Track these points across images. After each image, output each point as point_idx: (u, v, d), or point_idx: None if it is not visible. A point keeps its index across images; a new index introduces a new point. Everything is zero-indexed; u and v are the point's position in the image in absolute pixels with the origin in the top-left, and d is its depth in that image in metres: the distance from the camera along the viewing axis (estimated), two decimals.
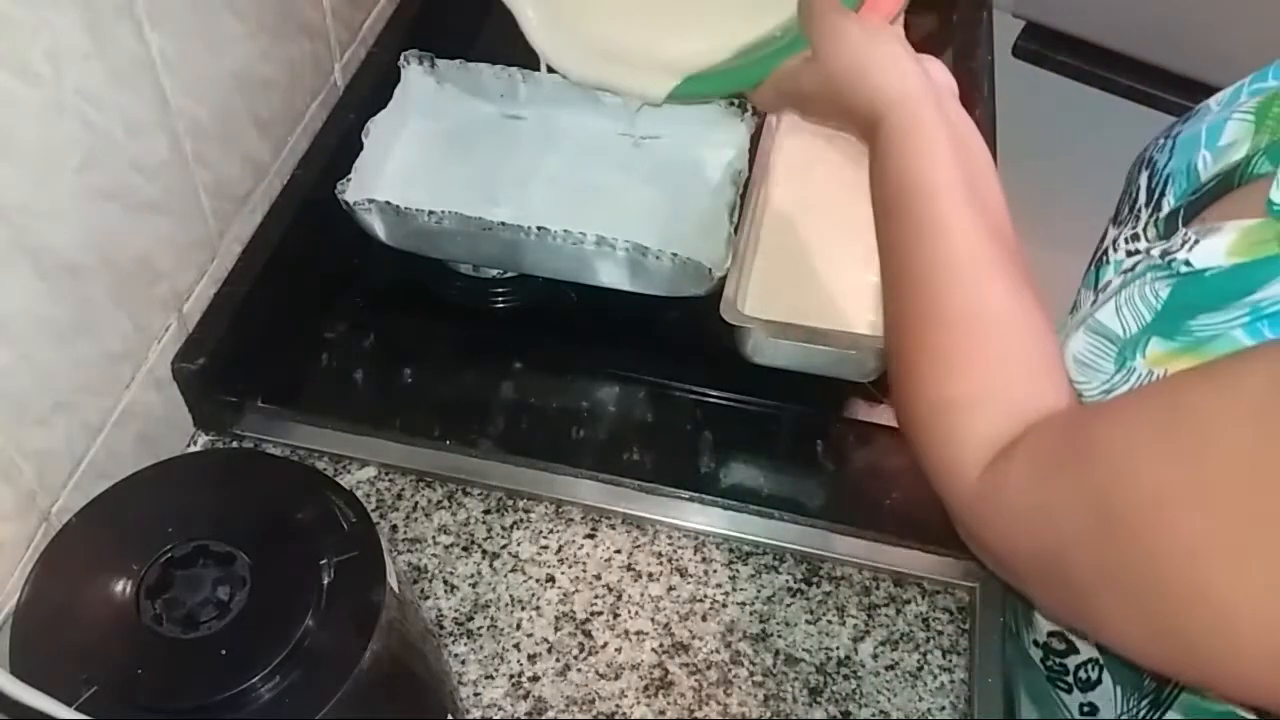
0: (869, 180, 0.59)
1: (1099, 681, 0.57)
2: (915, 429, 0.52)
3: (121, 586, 0.49)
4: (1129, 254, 0.57)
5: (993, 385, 0.50)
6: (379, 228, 0.78)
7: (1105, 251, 0.61)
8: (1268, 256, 0.46)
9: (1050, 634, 0.60)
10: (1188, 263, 0.49)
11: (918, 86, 0.57)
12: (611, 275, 0.77)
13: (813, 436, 0.78)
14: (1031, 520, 0.45)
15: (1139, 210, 0.60)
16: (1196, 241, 0.50)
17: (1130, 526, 0.40)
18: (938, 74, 0.61)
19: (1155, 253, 0.53)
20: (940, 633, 0.69)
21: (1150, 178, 0.60)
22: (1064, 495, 0.43)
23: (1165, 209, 0.57)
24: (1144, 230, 0.57)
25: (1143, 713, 0.55)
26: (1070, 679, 0.60)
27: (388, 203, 0.76)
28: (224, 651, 0.47)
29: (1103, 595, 0.43)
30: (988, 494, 0.47)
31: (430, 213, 0.76)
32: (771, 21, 0.69)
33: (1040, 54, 1.25)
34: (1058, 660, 0.60)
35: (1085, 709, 0.59)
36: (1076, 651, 0.59)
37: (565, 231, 0.74)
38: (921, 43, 1.12)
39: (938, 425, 0.51)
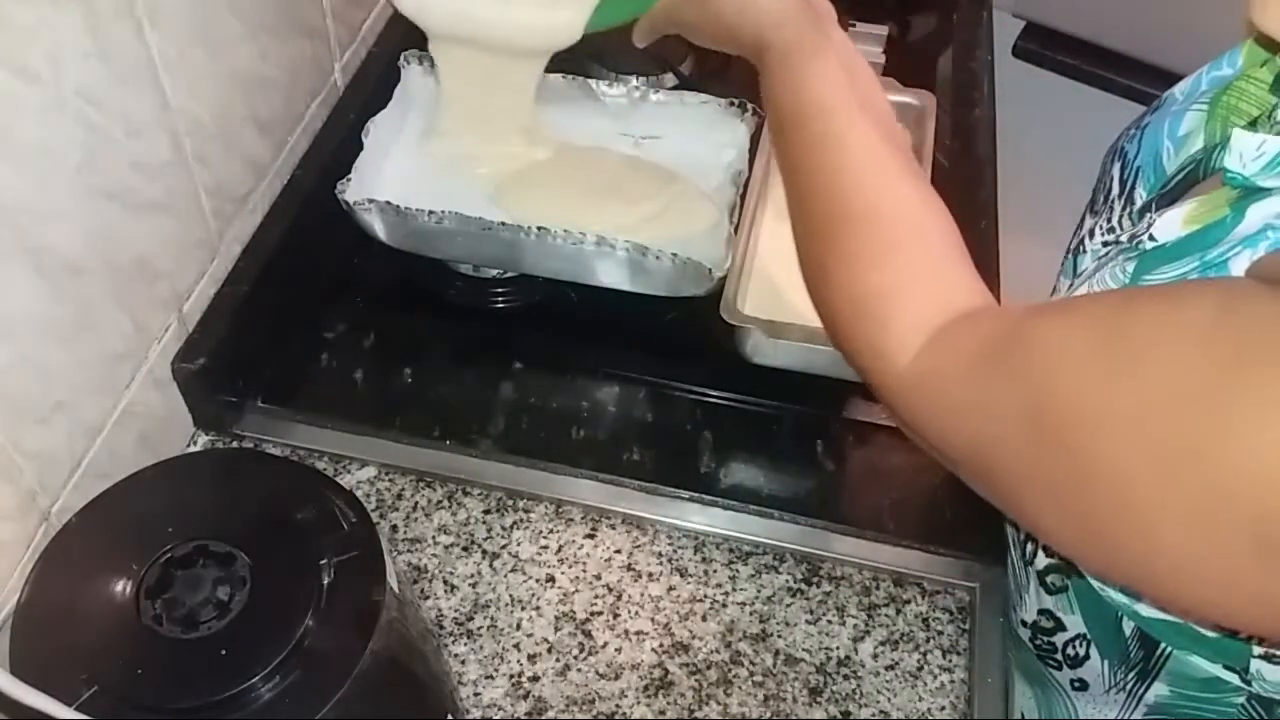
0: (764, 103, 0.61)
1: (1087, 656, 0.58)
2: (838, 323, 0.54)
3: (121, 586, 0.49)
4: (1104, 244, 0.58)
5: (915, 273, 0.51)
6: (379, 228, 0.78)
7: (1082, 240, 0.62)
8: (1218, 219, 0.46)
9: (1039, 612, 0.61)
10: (1151, 236, 0.50)
11: (799, 10, 0.60)
12: (611, 275, 0.77)
13: (813, 436, 0.78)
14: (966, 413, 0.46)
15: (1113, 201, 0.61)
16: (1155, 220, 0.51)
17: (1062, 436, 0.41)
18: (819, 2, 0.63)
19: (1124, 239, 0.54)
20: (940, 633, 0.69)
21: (1122, 169, 0.61)
22: (999, 394, 0.44)
23: (1138, 201, 0.58)
24: (1118, 222, 0.58)
25: (1130, 684, 0.56)
26: (1059, 656, 0.61)
27: (388, 203, 0.76)
28: (224, 651, 0.47)
29: (1032, 494, 0.43)
30: (921, 383, 0.48)
31: (430, 213, 0.76)
32: None
33: (1040, 54, 1.25)
34: (1046, 639, 0.61)
35: (1075, 684, 0.60)
36: (1065, 629, 0.59)
37: (565, 231, 0.74)
38: (921, 42, 1.13)
39: (863, 315, 0.52)
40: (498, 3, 0.76)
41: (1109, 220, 0.60)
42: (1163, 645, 0.53)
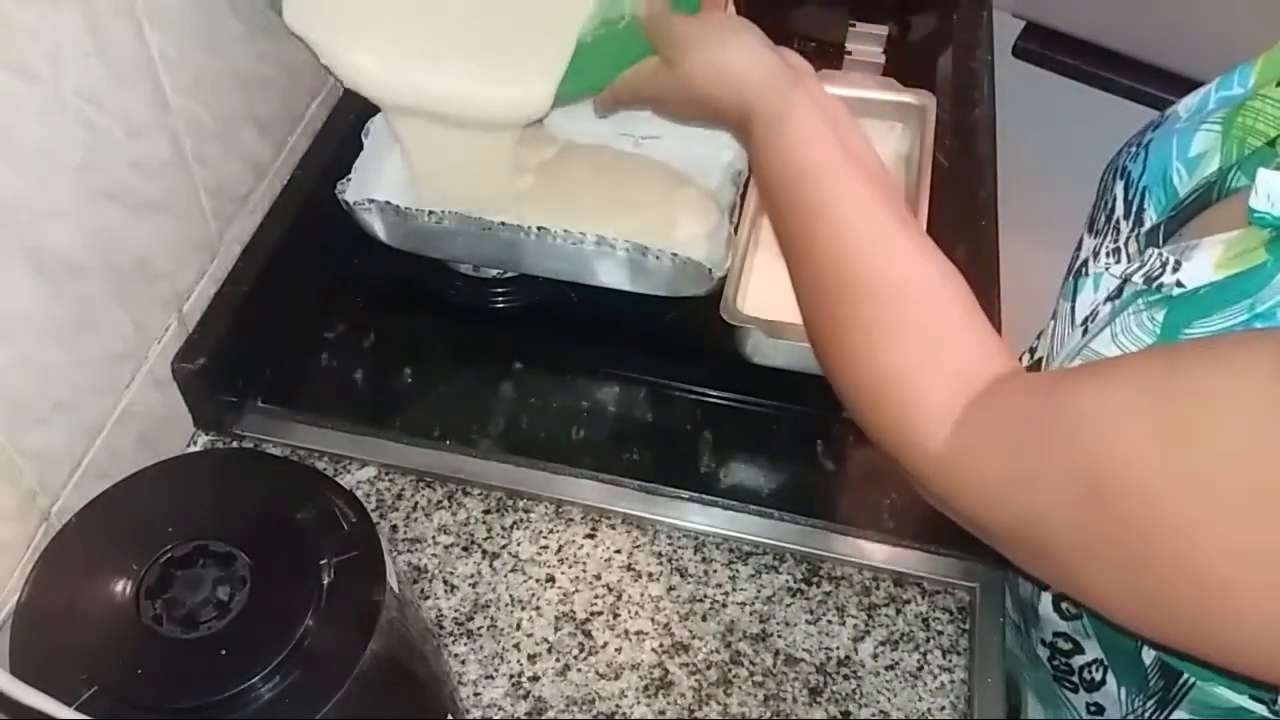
0: (754, 174, 0.60)
1: (1104, 682, 0.57)
2: (861, 404, 0.52)
3: (121, 586, 0.49)
4: (1110, 271, 0.57)
5: (931, 347, 0.50)
6: (379, 228, 0.78)
7: (1085, 263, 0.60)
8: (1257, 265, 0.45)
9: (1056, 634, 0.60)
10: (1179, 283, 0.49)
11: (780, 73, 0.58)
12: (611, 275, 0.77)
13: (813, 436, 0.78)
14: (1008, 488, 0.45)
15: (1117, 222, 0.60)
16: (1178, 264, 0.49)
17: (1120, 503, 0.40)
18: (795, 60, 0.62)
19: (1138, 279, 0.52)
20: (940, 633, 0.69)
21: (1126, 189, 0.60)
22: (1043, 466, 0.43)
23: (1147, 223, 0.57)
24: (1125, 245, 0.57)
25: (1149, 712, 0.55)
26: (1076, 679, 0.60)
27: (388, 203, 0.76)
28: (224, 651, 0.47)
29: (1088, 565, 0.42)
30: (956, 460, 0.47)
31: (430, 213, 0.76)
32: None
33: (1040, 54, 1.25)
34: (1064, 660, 0.60)
35: (1092, 709, 0.59)
36: (1082, 652, 0.59)
37: (565, 231, 0.74)
38: (922, 42, 1.13)
39: (885, 399, 0.50)
40: (456, 78, 0.72)
41: (1115, 242, 0.58)
42: (1185, 675, 0.52)
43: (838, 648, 0.68)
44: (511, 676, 0.67)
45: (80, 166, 0.61)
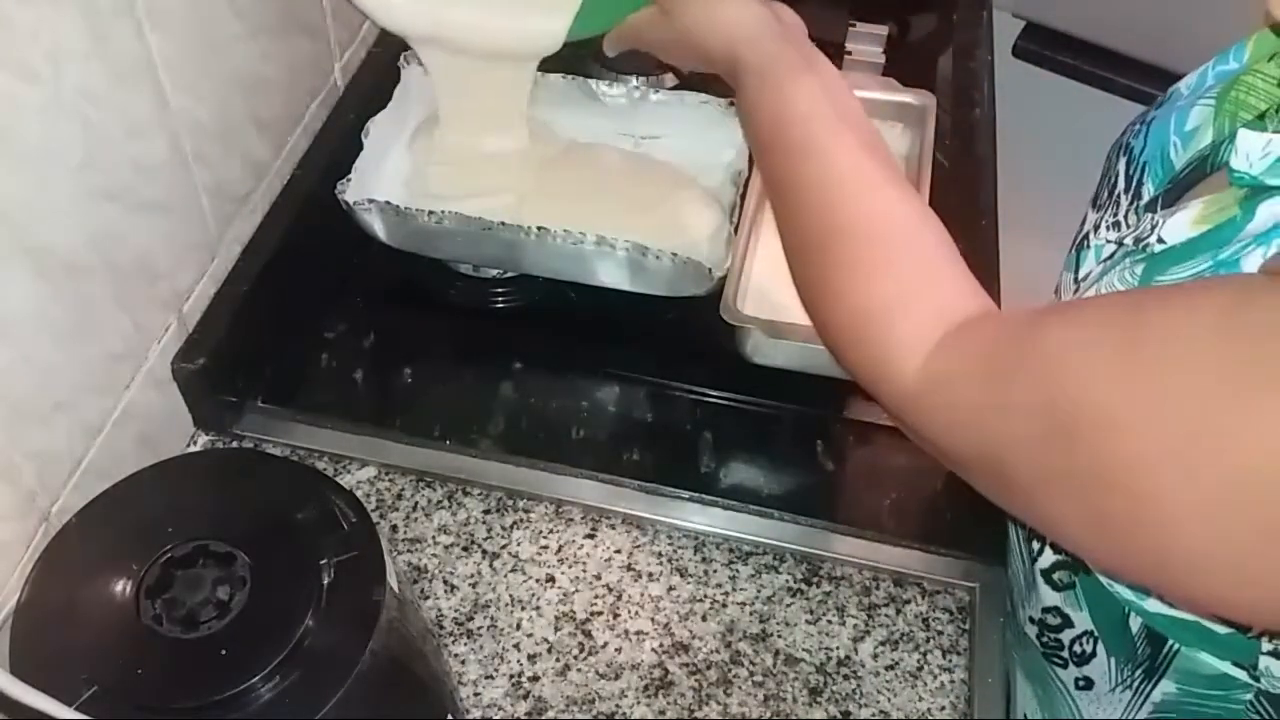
0: (742, 123, 0.61)
1: (1094, 654, 0.58)
2: (839, 337, 0.54)
3: (121, 586, 0.49)
4: (1110, 242, 0.58)
5: (913, 282, 0.51)
6: (379, 228, 0.78)
7: (1086, 235, 0.62)
8: (1228, 219, 0.47)
9: (1045, 609, 0.61)
10: (1160, 239, 0.50)
11: (768, 24, 0.60)
12: (611, 275, 0.77)
13: (813, 436, 0.78)
14: (978, 419, 0.46)
15: (1118, 196, 0.61)
16: (1162, 223, 0.51)
17: (1078, 434, 0.41)
18: (786, 14, 0.63)
19: (1129, 241, 0.54)
20: (940, 633, 0.69)
21: (1128, 164, 0.61)
22: (1013, 399, 0.44)
23: (1145, 196, 0.58)
24: (1124, 218, 0.58)
25: (1136, 682, 0.56)
26: (1066, 653, 0.60)
27: (388, 203, 0.76)
28: (224, 651, 0.47)
29: (1050, 495, 0.43)
30: (930, 389, 0.48)
31: (430, 213, 0.76)
32: None
33: (1040, 54, 1.25)
34: (1053, 635, 0.61)
35: (1081, 682, 0.60)
36: (1072, 625, 0.59)
37: (565, 231, 0.74)
38: (922, 42, 1.13)
39: (864, 329, 0.52)
40: (475, 10, 0.76)
41: (1115, 215, 0.60)
42: (1170, 642, 0.53)
43: (838, 648, 0.68)
44: (511, 676, 0.67)
45: (80, 166, 0.61)
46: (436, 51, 0.79)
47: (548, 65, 0.79)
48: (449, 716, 0.60)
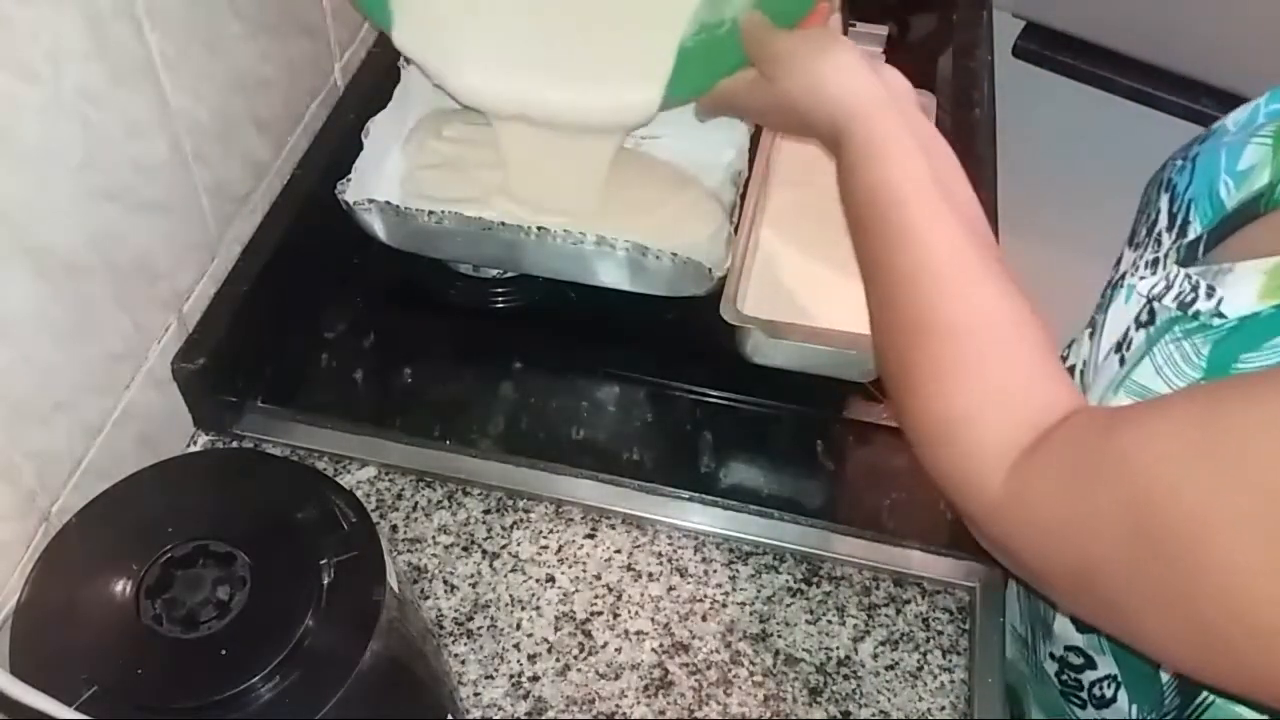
0: (840, 195, 0.58)
1: (1114, 699, 0.57)
2: (924, 444, 0.51)
3: (121, 586, 0.49)
4: (1138, 289, 0.56)
5: (1001, 393, 0.49)
6: (379, 228, 0.78)
7: (1123, 276, 0.59)
8: None
9: (1068, 648, 0.60)
10: (1220, 313, 0.48)
11: (875, 95, 0.57)
12: (611, 275, 0.77)
13: (813, 436, 0.78)
14: (1062, 534, 0.44)
15: (1159, 234, 0.59)
16: (1211, 289, 0.49)
17: (1168, 546, 0.39)
18: (894, 80, 0.60)
19: (1169, 302, 0.51)
20: (940, 633, 0.69)
21: (1171, 201, 0.59)
22: (1096, 510, 0.42)
23: (1190, 234, 0.56)
24: (1165, 256, 0.56)
25: None
26: (1085, 695, 0.59)
27: (388, 203, 0.76)
28: (224, 651, 0.47)
29: (1140, 608, 0.42)
30: (1012, 506, 0.46)
31: (430, 213, 0.76)
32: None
33: (1040, 54, 1.25)
34: (1073, 675, 0.60)
35: None
36: (1094, 667, 0.58)
37: (565, 231, 0.74)
38: (922, 42, 1.13)
39: (947, 440, 0.50)
40: (565, 87, 0.74)
41: (1155, 253, 0.57)
42: (1204, 695, 0.51)
43: (838, 648, 0.68)
44: (511, 676, 0.67)
45: (80, 166, 0.61)
46: (515, 126, 0.76)
47: None
48: (449, 716, 0.60)
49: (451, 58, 0.75)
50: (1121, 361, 0.56)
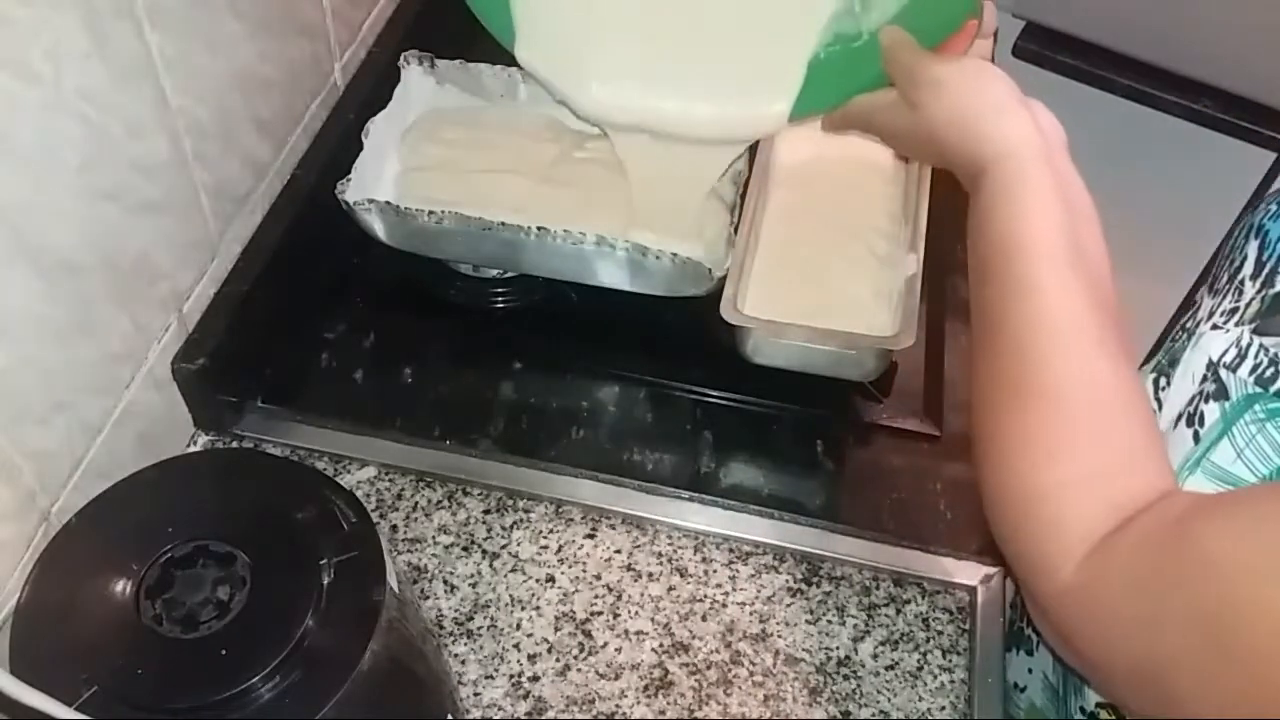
0: (968, 233, 0.55)
1: None
2: (1002, 513, 0.49)
3: (121, 586, 0.49)
4: (1214, 342, 0.53)
5: (1092, 473, 0.47)
6: (379, 228, 0.78)
7: (1198, 322, 0.57)
8: None
9: (1099, 704, 0.58)
10: None
11: (1027, 138, 0.54)
12: (611, 275, 0.77)
13: (813, 436, 0.78)
14: (1133, 629, 0.43)
15: (1242, 282, 0.57)
16: None
17: (1246, 654, 0.38)
18: (1046, 121, 0.57)
19: (1245, 374, 0.49)
20: (940, 633, 0.69)
21: (1261, 249, 0.57)
22: (1171, 610, 0.41)
23: (1277, 286, 0.54)
24: (1245, 305, 0.54)
25: None
26: None
27: (388, 203, 0.76)
28: (224, 651, 0.47)
29: (1212, 712, 0.40)
30: (1083, 594, 0.45)
31: (430, 213, 0.76)
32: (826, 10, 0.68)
33: (1040, 54, 1.24)
34: None
35: None
36: None
37: (565, 231, 0.74)
38: None
39: (1028, 514, 0.48)
40: (689, 99, 0.72)
41: (1235, 302, 0.55)
42: None
43: (838, 648, 0.68)
44: (511, 676, 0.67)
45: (80, 166, 0.61)
46: (635, 138, 0.75)
47: None
48: (449, 716, 0.60)
49: (575, 72, 0.74)
50: (1196, 438, 0.54)
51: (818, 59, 0.69)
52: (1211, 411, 0.53)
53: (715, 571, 0.71)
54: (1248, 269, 0.57)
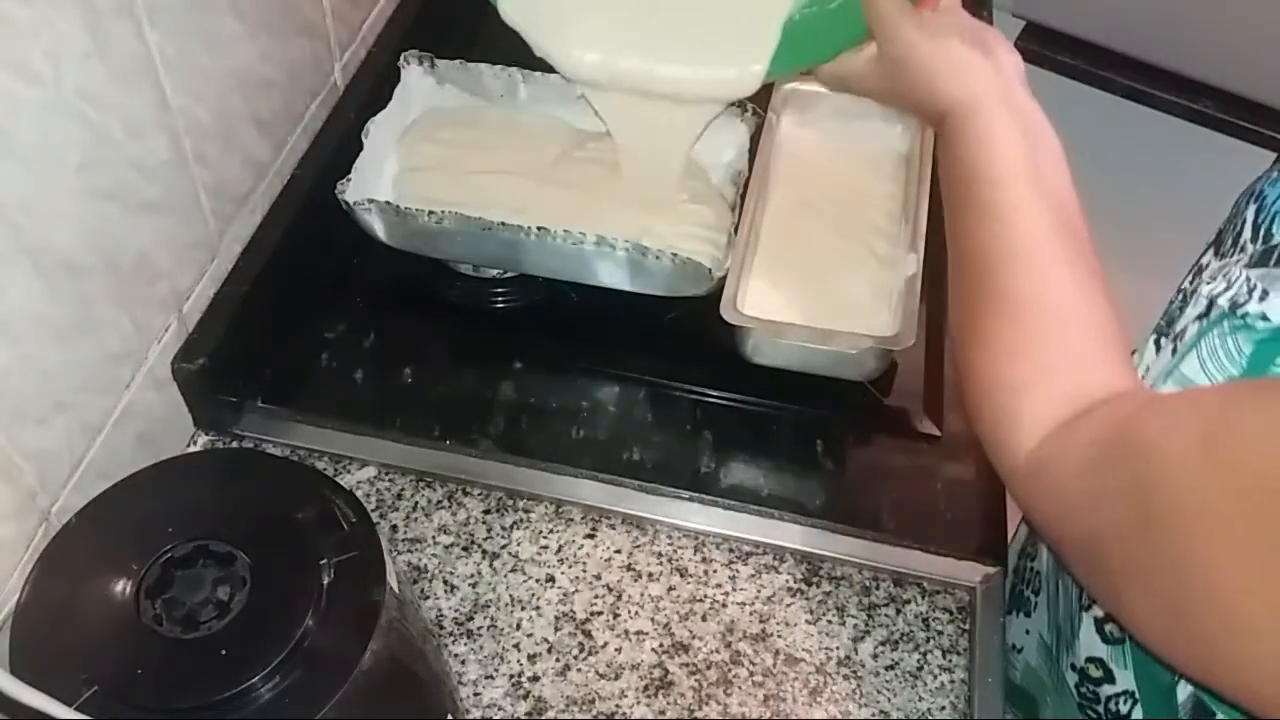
0: (938, 167, 0.60)
1: (1129, 716, 0.57)
2: (972, 407, 0.55)
3: (121, 586, 0.49)
4: (1214, 292, 0.57)
5: (1044, 372, 0.51)
6: (379, 228, 0.78)
7: (1199, 284, 0.60)
8: None
9: (1089, 659, 0.60)
10: (1264, 316, 0.49)
11: (985, 87, 0.58)
12: (611, 275, 0.77)
13: (813, 436, 0.78)
14: (1080, 505, 0.46)
15: (1244, 244, 0.59)
16: (1265, 293, 0.49)
17: (1164, 530, 0.41)
18: (1005, 57, 0.60)
19: (1224, 301, 0.53)
20: (940, 633, 0.69)
21: (1258, 212, 0.60)
22: (1111, 487, 0.44)
23: (1275, 240, 0.57)
24: (1239, 264, 0.56)
25: None
26: (1101, 708, 0.59)
27: (388, 203, 0.76)
28: (224, 651, 0.47)
29: (1131, 587, 0.44)
30: (1039, 473, 0.49)
31: (430, 213, 0.76)
32: None
33: (1040, 54, 1.25)
34: (1091, 688, 0.60)
35: None
36: (1113, 681, 0.58)
37: (565, 231, 0.74)
38: None
39: (991, 407, 0.53)
40: (666, 60, 0.74)
41: (1235, 261, 0.58)
42: (1220, 716, 0.52)
43: (838, 648, 0.68)
44: (511, 676, 0.67)
45: (80, 166, 0.61)
46: (614, 97, 0.77)
47: (547, 64, 0.79)
48: (449, 716, 0.60)
49: (558, 30, 0.75)
50: (1174, 352, 0.57)
51: (793, 20, 0.71)
52: (1192, 330, 0.57)
53: (715, 571, 0.71)
54: (1247, 232, 0.60)
